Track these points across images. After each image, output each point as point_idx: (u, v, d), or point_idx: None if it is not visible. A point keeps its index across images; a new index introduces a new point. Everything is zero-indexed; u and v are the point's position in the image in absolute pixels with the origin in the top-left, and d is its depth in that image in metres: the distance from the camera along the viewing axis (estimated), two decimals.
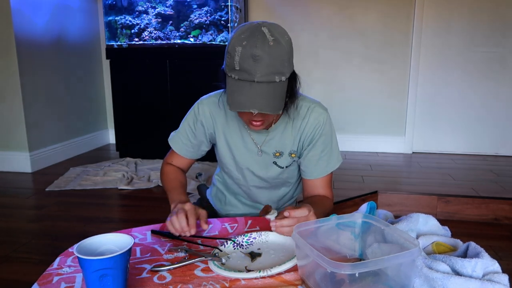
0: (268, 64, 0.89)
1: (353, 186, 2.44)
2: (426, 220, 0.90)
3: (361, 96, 3.40)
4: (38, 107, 3.02)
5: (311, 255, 0.69)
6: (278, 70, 0.91)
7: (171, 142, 1.20)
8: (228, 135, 1.14)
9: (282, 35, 0.93)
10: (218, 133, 1.15)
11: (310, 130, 1.11)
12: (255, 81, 0.89)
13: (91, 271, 0.66)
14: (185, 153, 1.20)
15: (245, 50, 0.89)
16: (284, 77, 0.93)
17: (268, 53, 0.88)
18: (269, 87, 0.90)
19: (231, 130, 1.14)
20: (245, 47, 0.89)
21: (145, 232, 1.01)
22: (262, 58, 0.88)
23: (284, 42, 0.92)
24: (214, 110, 1.14)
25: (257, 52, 0.88)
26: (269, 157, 1.14)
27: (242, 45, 0.89)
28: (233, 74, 0.92)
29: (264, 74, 0.89)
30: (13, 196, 2.50)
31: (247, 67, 0.89)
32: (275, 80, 0.90)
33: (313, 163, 1.12)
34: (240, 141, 1.14)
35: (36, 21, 2.98)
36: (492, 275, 0.71)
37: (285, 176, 1.18)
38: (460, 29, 3.20)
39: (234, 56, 0.90)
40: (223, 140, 1.15)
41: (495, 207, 2.17)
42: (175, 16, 3.05)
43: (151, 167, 3.02)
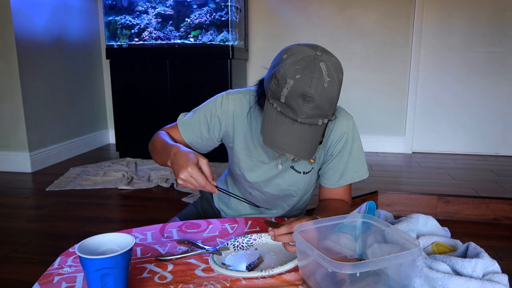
0: (316, 106, 0.81)
1: (353, 186, 2.42)
2: (426, 220, 0.90)
3: (361, 96, 3.40)
4: (38, 107, 3.02)
5: (312, 255, 0.69)
6: (324, 113, 0.83)
7: (181, 125, 1.08)
8: (249, 140, 1.06)
9: (338, 74, 0.84)
10: (237, 135, 1.07)
11: (336, 138, 1.04)
12: (298, 121, 0.82)
13: (92, 271, 0.66)
14: (191, 142, 1.08)
15: (297, 85, 0.80)
16: (327, 119, 0.86)
17: (320, 95, 0.80)
18: (310, 130, 0.84)
19: (253, 134, 1.05)
20: (297, 82, 0.80)
21: (145, 232, 1.01)
22: (313, 99, 0.80)
23: (338, 82, 0.83)
24: (238, 109, 1.04)
25: (310, 93, 0.79)
26: (287, 162, 1.07)
27: (294, 79, 0.80)
28: (275, 103, 0.84)
29: (309, 116, 0.82)
30: (13, 196, 2.50)
31: (294, 104, 0.81)
32: (318, 123, 0.84)
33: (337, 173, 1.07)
34: (262, 148, 1.06)
35: (36, 21, 2.98)
36: (492, 275, 0.72)
37: (301, 185, 1.11)
38: (460, 29, 3.20)
39: (282, 87, 0.81)
40: (243, 143, 1.07)
41: (495, 207, 2.17)
42: (175, 16, 3.05)
43: (151, 167, 3.02)
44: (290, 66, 0.81)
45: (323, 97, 0.81)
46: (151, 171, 2.90)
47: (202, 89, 3.05)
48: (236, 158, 1.10)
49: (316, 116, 0.83)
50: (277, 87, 0.83)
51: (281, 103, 0.83)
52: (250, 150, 1.08)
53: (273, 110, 0.85)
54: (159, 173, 2.84)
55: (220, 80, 3.01)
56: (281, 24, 3.41)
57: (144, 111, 3.20)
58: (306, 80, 0.80)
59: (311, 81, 0.80)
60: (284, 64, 0.82)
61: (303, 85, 0.80)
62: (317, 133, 0.86)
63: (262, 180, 1.11)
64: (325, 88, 0.81)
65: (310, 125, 0.84)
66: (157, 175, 2.80)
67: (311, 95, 0.80)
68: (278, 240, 0.82)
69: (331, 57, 0.85)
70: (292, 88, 0.80)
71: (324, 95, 0.81)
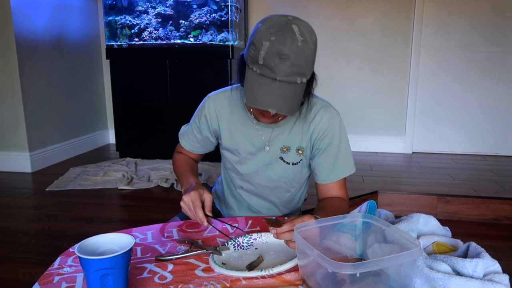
0: (293, 64, 0.87)
1: (353, 186, 2.44)
2: (426, 220, 0.90)
3: (361, 96, 3.40)
4: (38, 107, 3.02)
5: (312, 255, 0.69)
6: (301, 72, 0.89)
7: (180, 137, 1.24)
8: (234, 131, 1.14)
9: (311, 35, 0.90)
10: (222, 129, 1.15)
11: (321, 132, 1.09)
12: (277, 79, 0.87)
13: (92, 271, 0.66)
14: (190, 148, 1.22)
15: (272, 46, 0.86)
16: (305, 78, 0.91)
17: (295, 53, 0.86)
18: (289, 88, 0.89)
19: (237, 126, 1.13)
20: (272, 43, 0.86)
21: (145, 232, 1.01)
22: (288, 57, 0.86)
23: (311, 43, 0.89)
24: (219, 106, 1.14)
25: (285, 51, 0.85)
26: (276, 152, 1.12)
27: (270, 40, 0.86)
28: (255, 67, 0.90)
29: (287, 74, 0.87)
30: (13, 196, 2.50)
31: (271, 64, 0.87)
32: (296, 81, 0.89)
33: (326, 167, 1.10)
34: (246, 136, 1.13)
35: (36, 21, 2.98)
36: (493, 275, 0.71)
37: (291, 177, 1.15)
38: (460, 29, 3.20)
39: (259, 50, 0.87)
40: (228, 136, 1.15)
41: (495, 207, 2.17)
42: (175, 16, 3.05)
43: (151, 167, 3.02)
44: (265, 30, 0.89)
45: (298, 55, 0.87)
46: (151, 171, 2.90)
47: (202, 89, 3.02)
48: (226, 152, 1.18)
49: (294, 74, 0.88)
50: (254, 52, 0.89)
51: (260, 65, 0.88)
52: (237, 144, 1.14)
53: (253, 73, 0.90)
54: (159, 173, 2.84)
55: (220, 80, 3.01)
56: None
57: (144, 111, 3.20)
58: (281, 40, 0.86)
59: (285, 41, 0.86)
60: (259, 30, 0.90)
61: (278, 44, 0.86)
62: (297, 91, 0.91)
63: (252, 171, 1.16)
64: (299, 46, 0.87)
65: (289, 83, 0.89)
66: (157, 175, 2.80)
67: (287, 53, 0.86)
68: (280, 237, 0.84)
69: (303, 21, 0.92)
70: (268, 49, 0.87)
71: (299, 53, 0.87)
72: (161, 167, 2.98)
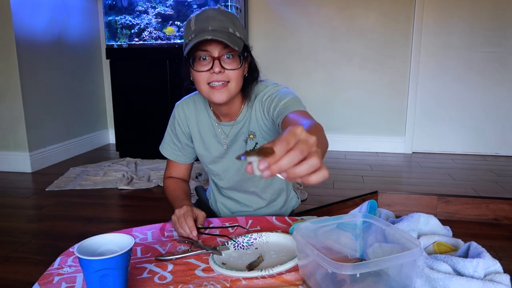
0: (220, 19, 0.97)
1: (353, 186, 2.44)
2: (427, 220, 0.90)
3: (361, 96, 3.40)
4: (38, 107, 3.02)
5: (312, 255, 0.69)
6: (231, 25, 0.98)
7: (161, 149, 1.26)
8: (202, 133, 1.18)
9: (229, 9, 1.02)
10: (193, 132, 1.19)
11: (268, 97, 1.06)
12: (210, 29, 0.96)
13: (91, 271, 0.66)
14: (175, 158, 1.23)
15: (198, 16, 0.99)
16: (238, 33, 0.99)
17: (219, 13, 0.98)
18: (223, 33, 0.96)
19: (204, 128, 1.18)
20: (197, 15, 0.99)
21: (145, 232, 1.00)
22: (214, 17, 0.97)
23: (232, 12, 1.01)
24: (187, 111, 1.18)
25: (209, 13, 0.98)
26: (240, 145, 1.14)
27: (195, 15, 1.00)
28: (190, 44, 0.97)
29: (218, 26, 0.97)
30: (13, 196, 2.50)
31: (201, 26, 0.97)
32: (228, 30, 0.97)
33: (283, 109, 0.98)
34: (213, 137, 1.17)
35: (36, 21, 2.98)
36: (494, 275, 0.71)
37: None
38: (460, 29, 3.20)
39: (189, 29, 0.99)
40: (199, 139, 1.19)
41: (495, 207, 2.17)
42: (175, 16, 3.05)
43: (151, 167, 3.02)
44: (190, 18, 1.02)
45: (223, 14, 0.99)
46: (151, 171, 2.90)
47: None
48: (200, 156, 1.22)
49: (223, 27, 0.97)
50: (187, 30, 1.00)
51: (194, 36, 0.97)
52: (207, 145, 1.18)
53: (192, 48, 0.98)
54: (159, 173, 2.84)
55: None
56: (281, 24, 3.41)
57: (144, 111, 3.20)
58: (203, 11, 1.00)
59: (208, 10, 1.00)
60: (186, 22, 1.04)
61: (202, 13, 1.00)
62: (234, 37, 0.98)
63: (225, 169, 1.20)
64: (221, 9, 1.00)
65: (221, 31, 0.97)
66: (157, 175, 2.80)
67: (212, 15, 0.98)
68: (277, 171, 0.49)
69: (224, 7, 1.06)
70: (195, 20, 0.99)
71: (223, 13, 0.99)
72: (161, 167, 2.98)
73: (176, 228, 0.97)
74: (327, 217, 0.83)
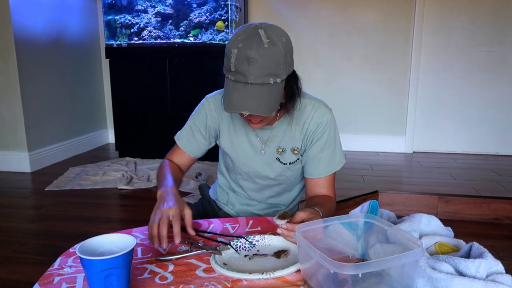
0: (261, 66, 0.90)
1: (353, 185, 2.44)
2: (429, 220, 0.89)
3: (361, 96, 3.39)
4: (37, 106, 3.01)
5: (314, 255, 0.68)
6: (273, 72, 0.91)
7: (177, 139, 1.21)
8: (233, 132, 1.16)
9: (279, 37, 0.93)
10: (222, 130, 1.17)
11: (313, 128, 1.11)
12: (249, 82, 0.90)
13: (96, 272, 0.66)
14: (189, 150, 1.20)
15: (240, 52, 0.90)
16: (280, 79, 0.93)
17: (262, 56, 0.90)
18: (262, 89, 0.91)
19: (236, 127, 1.15)
20: (240, 50, 0.90)
21: (146, 232, 1.00)
22: (256, 60, 0.89)
23: (281, 44, 0.92)
24: (219, 107, 1.16)
25: (251, 54, 0.89)
26: (272, 153, 1.15)
27: (238, 47, 0.91)
28: (229, 75, 0.94)
29: (257, 76, 0.90)
30: (12, 196, 2.49)
31: (241, 69, 0.91)
32: (269, 82, 0.92)
33: (316, 162, 1.12)
34: (245, 138, 1.15)
35: (35, 20, 2.97)
36: (496, 276, 0.71)
37: (289, 174, 1.18)
38: (461, 28, 3.20)
39: (230, 58, 0.92)
40: (227, 137, 1.17)
41: (496, 207, 2.17)
42: (174, 15, 3.05)
43: (151, 166, 3.01)
44: (234, 39, 0.93)
45: (266, 57, 0.90)
46: (150, 171, 2.90)
47: (202, 89, 3.01)
48: (225, 151, 1.20)
49: (265, 76, 0.91)
50: (227, 60, 0.94)
51: (233, 72, 0.93)
52: (236, 145, 1.16)
53: (229, 81, 0.95)
54: None
55: (219, 79, 2.97)
56: (281, 23, 3.37)
57: (144, 111, 3.20)
58: (247, 45, 0.91)
59: (251, 45, 0.90)
60: (230, 40, 0.95)
61: (245, 50, 0.90)
62: (272, 91, 0.93)
63: (251, 171, 1.18)
64: (266, 48, 0.90)
65: (262, 85, 0.91)
66: None
67: (253, 57, 0.89)
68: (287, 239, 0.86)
69: (272, 25, 0.96)
70: (237, 55, 0.91)
71: (266, 55, 0.90)
72: None
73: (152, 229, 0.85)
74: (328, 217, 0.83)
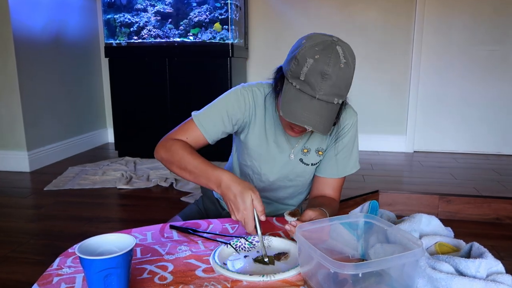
0: (333, 84, 0.88)
1: (354, 185, 2.43)
2: (429, 220, 0.89)
3: (361, 95, 3.38)
4: (36, 106, 3.01)
5: (314, 255, 0.68)
6: (340, 93, 0.90)
7: (197, 119, 1.08)
8: (263, 130, 1.11)
9: (352, 58, 0.93)
10: (253, 125, 1.10)
11: (339, 129, 1.10)
12: (316, 97, 0.88)
13: (96, 271, 0.65)
14: (209, 135, 1.08)
15: (316, 64, 0.87)
16: (342, 100, 0.92)
17: (337, 74, 0.88)
18: (327, 107, 0.90)
19: (267, 126, 1.11)
20: (316, 61, 0.87)
21: (145, 232, 1.00)
22: (330, 78, 0.87)
23: (352, 66, 0.92)
24: (255, 100, 1.09)
25: (328, 71, 0.87)
26: (297, 155, 1.13)
27: (314, 58, 0.88)
28: (295, 82, 0.91)
29: (327, 93, 0.88)
30: (11, 195, 2.49)
31: (313, 81, 0.88)
32: (333, 101, 0.90)
33: (332, 162, 1.12)
34: (273, 138, 1.12)
35: (35, 19, 2.96)
36: (496, 276, 0.71)
37: (308, 176, 1.16)
38: (462, 26, 3.19)
39: (302, 66, 0.88)
40: (257, 134, 1.11)
41: (497, 207, 2.16)
42: (174, 14, 3.04)
43: (150, 166, 3.01)
44: (310, 48, 0.90)
45: (339, 76, 0.88)
46: (150, 171, 2.89)
47: (202, 88, 3.04)
48: (250, 149, 1.13)
49: (333, 95, 0.89)
50: (297, 67, 0.90)
51: (301, 81, 0.89)
52: (262, 141, 1.12)
53: (293, 88, 0.91)
54: (158, 172, 2.83)
55: (219, 78, 3.00)
56: (281, 22, 3.40)
57: (143, 110, 3.19)
58: (325, 60, 0.88)
59: (329, 61, 0.88)
60: (304, 47, 0.91)
61: (322, 63, 0.87)
62: (333, 111, 0.92)
63: (271, 171, 1.15)
64: (342, 68, 0.88)
65: (327, 103, 0.90)
66: (156, 174, 2.79)
67: (329, 73, 0.87)
68: None
69: (346, 44, 0.95)
70: (312, 66, 0.88)
71: (340, 75, 0.88)
72: (161, 166, 2.97)
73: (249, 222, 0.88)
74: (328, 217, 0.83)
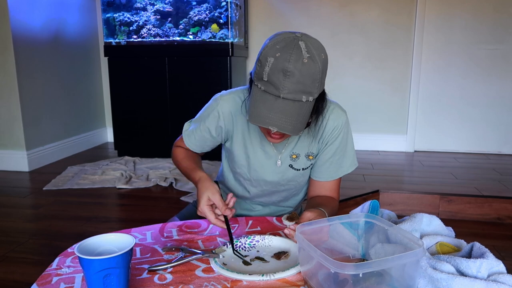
0: (298, 81, 0.84)
1: (354, 185, 2.43)
2: (430, 220, 0.89)
3: (362, 94, 3.38)
4: (35, 105, 3.00)
5: (314, 255, 0.68)
6: (307, 90, 0.85)
7: (185, 137, 1.15)
8: (247, 138, 1.09)
9: (319, 53, 0.87)
10: (236, 133, 1.10)
11: (328, 131, 1.07)
12: (281, 96, 0.85)
13: (95, 271, 0.65)
14: (195, 148, 1.16)
15: (277, 62, 0.84)
16: (312, 97, 0.87)
17: (300, 70, 0.83)
18: (294, 106, 0.86)
19: (251, 133, 1.09)
20: (277, 59, 0.84)
21: (144, 232, 0.99)
22: (293, 74, 0.83)
23: (319, 61, 0.86)
24: (234, 108, 1.08)
25: (289, 67, 0.83)
26: (286, 161, 1.10)
27: (274, 57, 0.84)
28: (259, 84, 0.88)
29: (291, 91, 0.84)
30: (10, 195, 2.48)
31: (275, 80, 0.84)
32: (301, 99, 0.86)
33: (326, 165, 1.10)
34: (259, 145, 1.10)
35: (34, 18, 2.96)
36: (497, 276, 0.70)
37: (300, 179, 1.14)
38: (462, 25, 3.18)
39: (264, 66, 0.86)
40: (241, 141, 1.10)
41: (498, 207, 2.16)
42: (174, 13, 3.04)
43: (150, 166, 3.00)
44: (271, 46, 0.87)
45: (303, 72, 0.84)
46: (149, 170, 2.89)
47: (201, 87, 3.04)
48: (236, 157, 1.13)
49: (299, 92, 0.85)
50: (260, 68, 0.87)
51: (264, 82, 0.87)
52: (247, 148, 1.10)
53: (258, 90, 0.89)
54: (158, 172, 2.83)
55: (219, 77, 2.99)
56: (282, 21, 3.39)
57: (143, 109, 3.19)
58: (285, 57, 0.84)
59: (290, 57, 0.84)
60: (266, 46, 0.88)
61: (283, 61, 0.84)
62: (303, 110, 0.88)
63: (261, 178, 1.13)
64: (305, 63, 0.84)
65: (293, 101, 0.86)
66: (155, 174, 2.79)
67: (291, 70, 0.83)
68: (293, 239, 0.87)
69: (312, 38, 0.90)
70: (273, 65, 0.85)
71: (304, 71, 0.84)
72: (160, 166, 2.97)
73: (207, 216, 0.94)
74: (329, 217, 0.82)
